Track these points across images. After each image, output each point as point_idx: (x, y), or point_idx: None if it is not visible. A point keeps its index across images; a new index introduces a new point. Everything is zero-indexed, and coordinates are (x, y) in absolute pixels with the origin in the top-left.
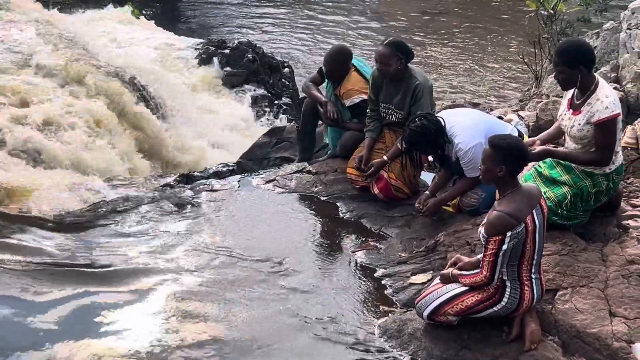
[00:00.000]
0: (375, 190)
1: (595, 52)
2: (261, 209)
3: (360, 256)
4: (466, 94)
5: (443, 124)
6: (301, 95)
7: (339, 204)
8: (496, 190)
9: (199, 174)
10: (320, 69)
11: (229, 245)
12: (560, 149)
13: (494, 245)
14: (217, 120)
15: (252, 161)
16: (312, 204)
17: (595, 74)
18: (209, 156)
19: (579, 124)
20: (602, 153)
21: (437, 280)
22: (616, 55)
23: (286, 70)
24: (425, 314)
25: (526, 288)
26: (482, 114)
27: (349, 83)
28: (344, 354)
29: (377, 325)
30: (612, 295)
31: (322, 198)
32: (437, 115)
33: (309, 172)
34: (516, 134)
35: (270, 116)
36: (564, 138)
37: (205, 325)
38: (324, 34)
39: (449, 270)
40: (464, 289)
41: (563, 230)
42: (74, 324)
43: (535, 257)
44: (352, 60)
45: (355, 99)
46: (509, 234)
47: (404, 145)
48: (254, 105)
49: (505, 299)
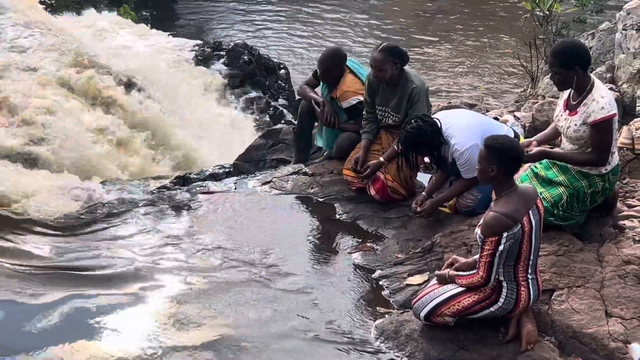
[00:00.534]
0: (372, 192)
1: (591, 53)
2: (258, 210)
3: (357, 257)
4: (462, 95)
5: (439, 126)
6: (297, 97)
7: (335, 205)
8: (492, 191)
9: (195, 176)
10: (315, 72)
11: (225, 247)
12: (556, 149)
13: (491, 246)
14: (214, 122)
15: (249, 163)
16: (309, 206)
17: (591, 75)
18: (205, 158)
19: (575, 125)
20: (598, 153)
21: (434, 281)
22: (612, 56)
23: (282, 71)
24: (422, 315)
25: (523, 289)
26: (478, 115)
27: (345, 85)
28: (341, 356)
29: (374, 326)
30: (609, 295)
31: (319, 199)
32: (433, 116)
33: (305, 174)
34: (512, 135)
35: (266, 118)
36: (560, 139)
37: (202, 326)
38: (321, 36)
39: (445, 271)
40: (461, 289)
41: (559, 231)
42: (70, 327)
43: (532, 258)
44: (347, 62)
45: (352, 101)
46: (505, 234)
47: (400, 146)
48: (250, 107)
49: (501, 300)
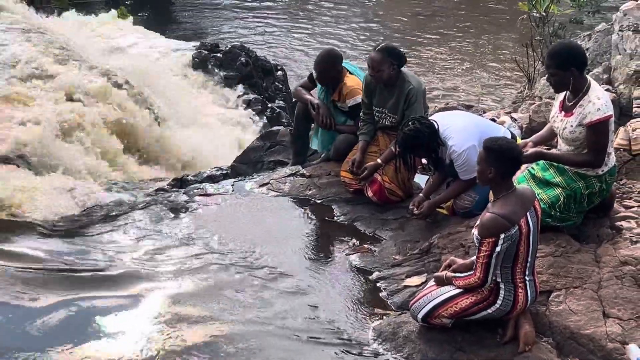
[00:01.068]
0: (369, 193)
1: (588, 54)
2: (255, 212)
3: (355, 259)
4: (459, 96)
5: (436, 127)
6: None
7: (333, 207)
8: (490, 193)
9: (192, 178)
10: (311, 74)
11: (223, 249)
12: (552, 151)
13: (488, 247)
14: (210, 124)
15: (246, 165)
16: (306, 208)
17: (587, 76)
18: (202, 160)
19: (571, 126)
20: (595, 155)
21: (432, 282)
22: (608, 57)
23: (279, 73)
24: (420, 316)
25: (520, 290)
26: (475, 117)
27: (349, 83)
28: (339, 357)
29: (372, 328)
30: (606, 296)
31: (316, 201)
32: (431, 118)
33: (302, 176)
34: (509, 136)
35: (264, 119)
36: (556, 140)
37: (199, 329)
38: (318, 37)
39: (443, 273)
40: (458, 291)
41: (556, 232)
42: (68, 329)
43: (529, 259)
44: (343, 64)
45: (358, 98)
46: (502, 236)
47: (397, 148)
48: (247, 109)
49: (499, 301)
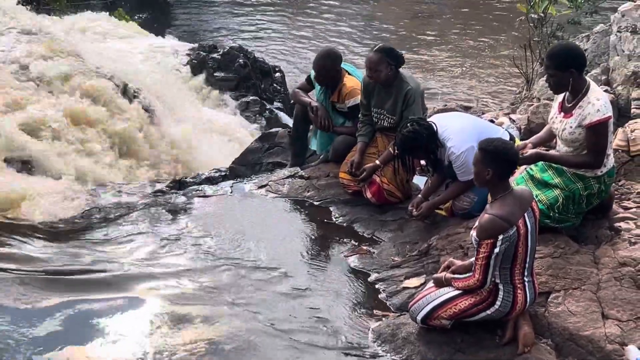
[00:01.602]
0: (368, 195)
1: (586, 55)
2: (254, 214)
3: (354, 261)
4: (458, 98)
5: (435, 129)
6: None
7: (331, 208)
8: (488, 194)
9: (191, 180)
10: (309, 76)
11: (222, 251)
12: (551, 152)
13: (486, 248)
14: (209, 126)
15: (245, 166)
16: (305, 209)
17: (586, 77)
18: (200, 161)
19: (571, 127)
20: (594, 156)
21: (431, 284)
22: (607, 58)
23: (277, 74)
24: (419, 318)
25: (519, 291)
26: (474, 118)
27: (348, 84)
28: (338, 359)
29: (371, 329)
30: (605, 297)
31: (315, 203)
32: (429, 119)
33: (301, 177)
34: (508, 138)
35: (262, 121)
36: (555, 141)
37: (198, 330)
38: (316, 38)
39: (442, 274)
40: (457, 292)
41: (555, 233)
42: (68, 332)
43: (528, 260)
44: (343, 65)
45: (357, 99)
46: (500, 237)
47: (396, 150)
48: (245, 110)
49: (498, 302)
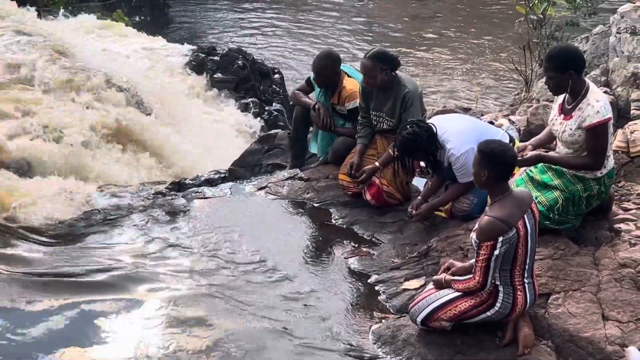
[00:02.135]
0: (368, 197)
1: (585, 57)
2: (253, 216)
3: (353, 262)
4: (457, 99)
5: (434, 131)
6: (290, 103)
7: (331, 210)
8: (488, 196)
9: (190, 182)
10: (308, 78)
11: (221, 253)
12: (551, 153)
13: (486, 250)
14: (208, 127)
15: (244, 168)
16: (304, 211)
17: (586, 79)
18: (200, 163)
19: (570, 129)
20: (594, 157)
21: (430, 285)
22: (606, 59)
23: (276, 76)
24: (419, 319)
25: (519, 293)
26: (474, 119)
27: (348, 86)
28: None
29: (371, 331)
30: (605, 299)
31: (314, 205)
32: (429, 121)
33: (300, 179)
34: (507, 139)
35: (261, 122)
36: (555, 143)
37: (198, 332)
38: (315, 40)
39: (442, 276)
40: (457, 294)
41: (555, 235)
42: (67, 333)
43: (528, 262)
44: (343, 67)
45: (357, 102)
46: (500, 239)
47: (396, 151)
48: (244, 112)
49: (498, 304)
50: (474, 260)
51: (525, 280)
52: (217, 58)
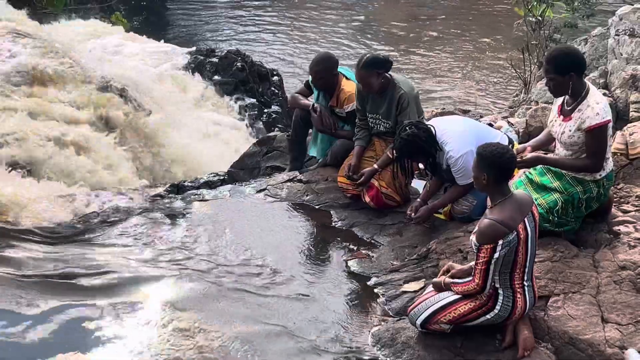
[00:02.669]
0: (366, 199)
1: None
2: (252, 218)
3: (353, 265)
4: (456, 101)
5: (434, 132)
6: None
7: (330, 212)
8: (487, 198)
9: (189, 184)
10: (307, 82)
11: (220, 255)
12: (550, 155)
13: (486, 253)
14: (206, 129)
15: (243, 170)
16: (304, 213)
17: (586, 81)
18: (198, 165)
19: (570, 131)
20: (593, 159)
21: (430, 288)
22: (605, 61)
23: (275, 78)
24: (418, 322)
25: (519, 295)
26: (473, 121)
27: (348, 88)
28: None
29: (371, 333)
30: (605, 301)
31: (314, 207)
32: (428, 123)
33: (300, 181)
34: (506, 141)
35: (260, 125)
36: (554, 144)
37: (197, 335)
38: (314, 42)
39: (441, 279)
40: (457, 297)
41: (554, 237)
42: (65, 336)
43: (528, 265)
44: (341, 70)
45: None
46: (500, 242)
47: (395, 153)
48: (243, 114)
49: (498, 307)
50: (473, 263)
51: (525, 283)
52: (216, 60)
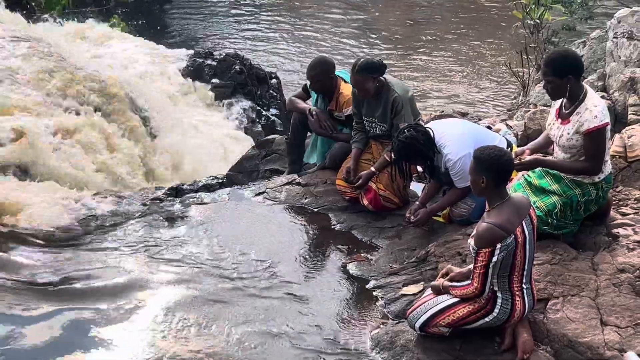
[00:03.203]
0: (365, 202)
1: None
2: (251, 221)
3: (352, 267)
4: (454, 104)
5: (432, 135)
6: (287, 109)
7: (329, 215)
8: (486, 201)
9: (188, 187)
10: (305, 86)
11: (219, 258)
12: (549, 158)
13: (484, 257)
14: (205, 133)
15: (242, 174)
16: (303, 216)
17: (584, 84)
18: (197, 168)
19: (568, 134)
20: (592, 162)
21: (429, 291)
22: (603, 64)
23: (274, 81)
24: (417, 325)
25: (517, 298)
26: (471, 124)
27: (347, 92)
28: None
29: (370, 337)
30: (604, 304)
31: (313, 210)
32: (426, 125)
33: (298, 184)
34: (505, 144)
35: (258, 128)
36: (552, 147)
37: (196, 338)
38: (312, 45)
39: (440, 282)
40: (455, 300)
41: (553, 240)
42: (64, 340)
43: (526, 268)
44: (340, 73)
45: None
46: (498, 245)
47: (393, 156)
48: (241, 117)
49: (496, 310)
50: (472, 266)
51: (524, 286)
52: (214, 63)
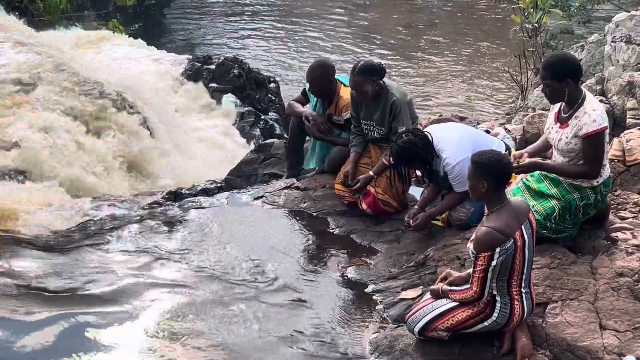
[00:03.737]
0: (363, 206)
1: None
2: (250, 225)
3: (350, 272)
4: (453, 108)
5: (430, 139)
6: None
7: (328, 219)
8: (485, 205)
9: (187, 191)
10: (304, 90)
11: (217, 263)
12: (548, 161)
13: (483, 261)
14: (203, 136)
15: (240, 178)
16: (301, 220)
17: (582, 87)
18: (195, 173)
19: (567, 137)
20: (590, 166)
21: (428, 295)
22: (601, 68)
23: (272, 85)
24: (416, 329)
25: (516, 302)
26: (469, 128)
27: (346, 96)
28: None
29: (369, 341)
30: (602, 308)
31: (311, 214)
32: (425, 129)
33: (297, 188)
34: (503, 148)
35: (257, 132)
36: (551, 151)
37: (195, 344)
38: (311, 49)
39: (439, 286)
40: (454, 304)
41: (552, 244)
42: (62, 345)
43: (525, 272)
44: (339, 77)
45: None
46: (497, 249)
47: (391, 160)
48: (240, 121)
49: (495, 314)
50: (471, 270)
51: (523, 290)
52: (213, 67)
